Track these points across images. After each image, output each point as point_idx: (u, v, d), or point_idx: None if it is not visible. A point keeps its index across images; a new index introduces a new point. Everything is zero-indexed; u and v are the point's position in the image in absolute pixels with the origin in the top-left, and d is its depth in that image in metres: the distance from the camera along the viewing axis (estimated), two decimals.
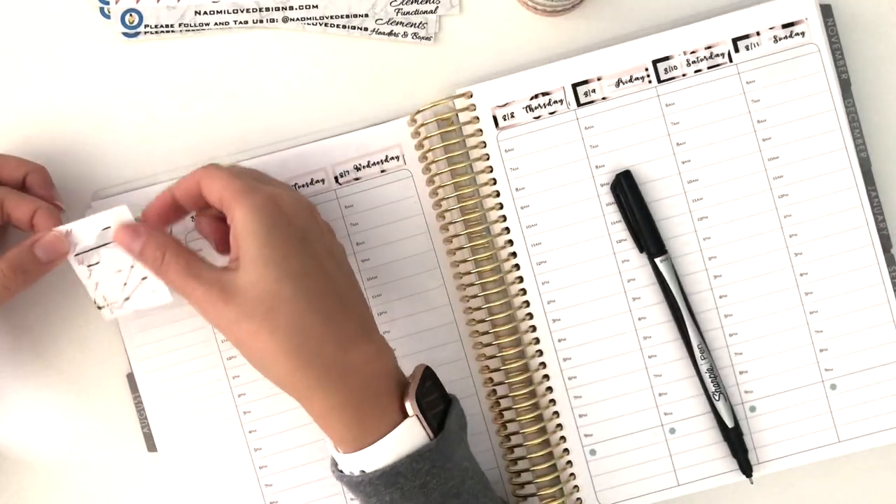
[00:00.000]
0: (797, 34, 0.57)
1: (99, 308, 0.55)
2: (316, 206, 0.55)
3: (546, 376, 0.58)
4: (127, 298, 0.55)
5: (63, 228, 0.54)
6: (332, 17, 0.59)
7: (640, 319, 0.58)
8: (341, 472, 0.51)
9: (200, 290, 0.50)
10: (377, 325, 0.53)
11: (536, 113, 0.58)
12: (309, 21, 0.59)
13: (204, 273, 0.50)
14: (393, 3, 0.59)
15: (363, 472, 0.50)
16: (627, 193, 0.57)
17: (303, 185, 0.58)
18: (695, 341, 0.57)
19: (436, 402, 0.52)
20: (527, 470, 0.58)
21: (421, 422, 0.50)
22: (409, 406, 0.50)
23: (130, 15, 0.59)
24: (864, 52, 0.59)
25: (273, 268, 0.49)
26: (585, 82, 0.58)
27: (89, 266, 0.55)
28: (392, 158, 0.59)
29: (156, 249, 0.51)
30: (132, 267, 0.54)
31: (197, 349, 0.59)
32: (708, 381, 0.57)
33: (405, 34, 0.59)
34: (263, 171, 0.58)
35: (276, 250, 0.49)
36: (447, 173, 0.58)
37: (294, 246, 0.50)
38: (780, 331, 0.58)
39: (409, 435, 0.49)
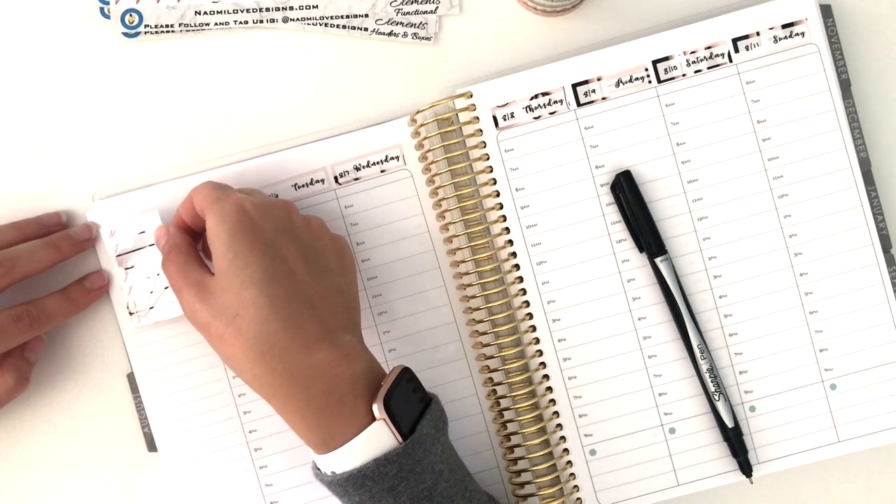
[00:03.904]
0: (797, 34, 0.57)
1: (130, 314, 0.58)
2: (295, 205, 0.54)
3: (546, 376, 0.58)
4: (151, 307, 0.57)
5: (108, 228, 0.57)
6: (332, 17, 0.59)
7: (640, 319, 0.58)
8: (319, 469, 0.52)
9: (185, 288, 0.51)
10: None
11: (536, 113, 0.58)
12: (309, 21, 0.59)
13: (191, 273, 0.51)
14: (393, 3, 0.59)
15: (334, 472, 0.50)
16: (627, 193, 0.57)
17: (303, 185, 0.58)
18: (695, 341, 0.57)
19: (411, 403, 0.51)
20: (527, 470, 0.58)
21: (388, 425, 0.49)
22: (377, 409, 0.49)
23: (130, 15, 0.59)
24: (864, 52, 0.59)
25: (236, 273, 0.50)
26: (585, 82, 0.58)
27: (126, 269, 0.57)
28: (392, 158, 0.59)
29: (168, 245, 0.53)
30: (158, 275, 0.57)
31: (197, 349, 0.59)
32: (708, 381, 0.57)
33: (405, 34, 0.59)
34: (263, 171, 0.58)
35: (239, 256, 0.50)
36: (447, 173, 0.58)
37: (258, 251, 0.50)
38: (779, 331, 0.58)
39: (377, 438, 0.49)
